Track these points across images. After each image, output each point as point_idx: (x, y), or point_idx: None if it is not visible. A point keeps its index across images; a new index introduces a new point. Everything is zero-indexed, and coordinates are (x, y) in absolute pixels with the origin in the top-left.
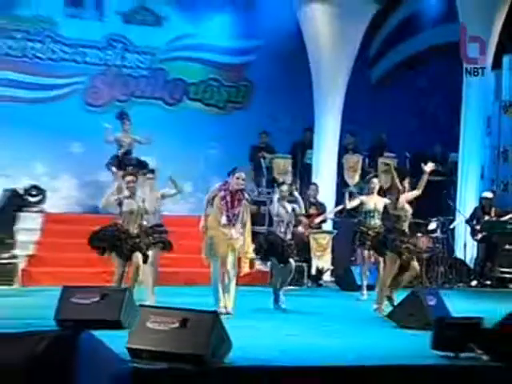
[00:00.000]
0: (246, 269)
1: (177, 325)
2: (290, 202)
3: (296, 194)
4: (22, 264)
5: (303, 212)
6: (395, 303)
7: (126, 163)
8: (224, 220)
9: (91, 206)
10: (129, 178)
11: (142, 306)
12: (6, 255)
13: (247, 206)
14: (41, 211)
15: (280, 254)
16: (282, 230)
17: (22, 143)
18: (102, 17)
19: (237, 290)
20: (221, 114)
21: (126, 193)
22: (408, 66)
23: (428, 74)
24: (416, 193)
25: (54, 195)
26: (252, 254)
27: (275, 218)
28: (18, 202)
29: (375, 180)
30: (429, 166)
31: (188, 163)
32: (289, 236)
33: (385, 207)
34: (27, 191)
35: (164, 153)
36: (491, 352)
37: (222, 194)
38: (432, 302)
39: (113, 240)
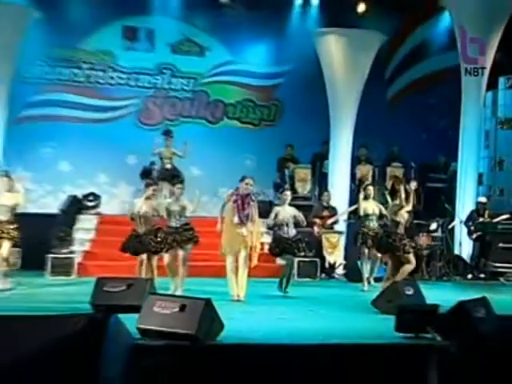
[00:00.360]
0: (255, 261)
1: (177, 309)
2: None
3: (300, 213)
4: (78, 258)
5: (304, 224)
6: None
7: (155, 174)
8: (236, 220)
9: None
10: (153, 186)
11: (150, 293)
12: (66, 250)
13: (255, 206)
14: (97, 213)
15: (288, 250)
16: (285, 230)
17: (86, 157)
18: (153, 48)
19: (248, 281)
20: (255, 130)
21: (142, 199)
22: (417, 87)
23: (434, 93)
24: (408, 208)
25: (113, 200)
26: (261, 249)
27: (279, 218)
28: (77, 205)
29: (370, 187)
30: (413, 185)
31: (227, 172)
32: (293, 233)
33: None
34: (85, 197)
35: (207, 163)
36: (444, 334)
37: (234, 197)
38: (409, 292)
39: (124, 241)
